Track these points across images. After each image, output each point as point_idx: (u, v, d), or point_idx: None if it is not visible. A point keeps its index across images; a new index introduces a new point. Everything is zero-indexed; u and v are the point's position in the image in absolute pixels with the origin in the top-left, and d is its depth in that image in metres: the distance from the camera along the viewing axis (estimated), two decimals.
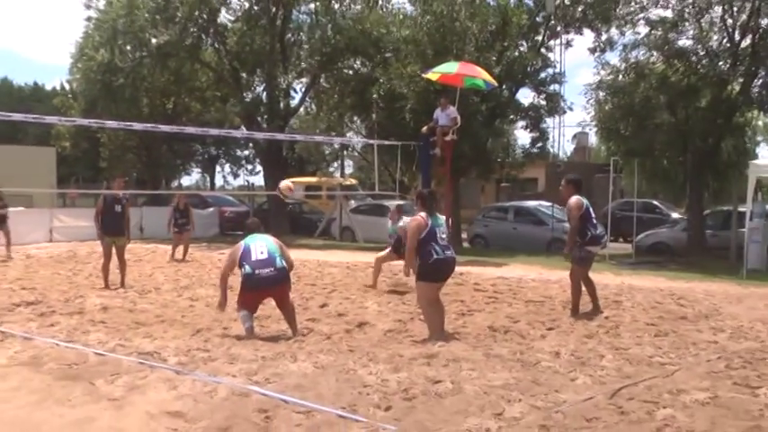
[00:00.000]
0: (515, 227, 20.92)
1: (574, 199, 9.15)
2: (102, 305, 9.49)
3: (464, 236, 22.14)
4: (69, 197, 32.95)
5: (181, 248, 16.33)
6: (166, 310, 9.29)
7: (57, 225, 21.36)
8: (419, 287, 7.61)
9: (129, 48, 24.78)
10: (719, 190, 21.38)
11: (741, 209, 16.08)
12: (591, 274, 9.43)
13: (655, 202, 24.38)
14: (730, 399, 5.22)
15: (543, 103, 21.66)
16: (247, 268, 7.41)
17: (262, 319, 8.04)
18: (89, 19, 26.08)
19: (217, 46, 25.38)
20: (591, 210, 9.26)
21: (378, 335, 7.67)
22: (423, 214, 7.45)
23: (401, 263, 9.42)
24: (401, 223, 10.75)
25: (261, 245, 7.58)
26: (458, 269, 13.83)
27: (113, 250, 11.63)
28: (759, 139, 25.22)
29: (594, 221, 9.32)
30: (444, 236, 7.48)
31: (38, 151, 32.20)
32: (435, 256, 7.30)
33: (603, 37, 19.61)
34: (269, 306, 8.18)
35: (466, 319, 8.62)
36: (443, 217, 8.03)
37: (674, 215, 23.00)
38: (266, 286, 7.47)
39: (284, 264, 7.61)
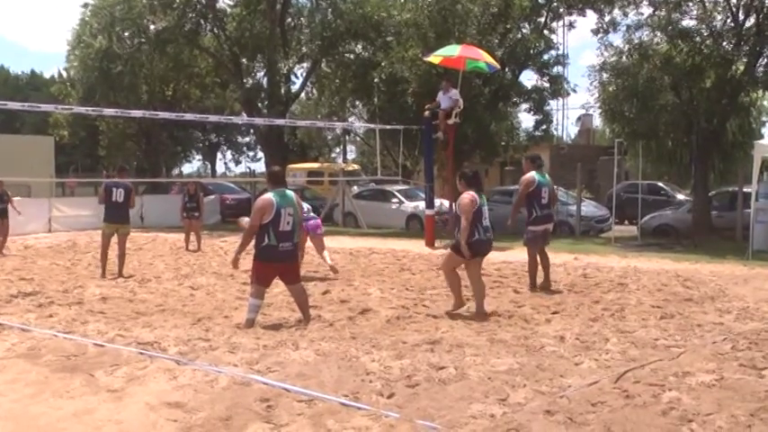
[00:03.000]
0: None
1: (528, 174, 9.53)
2: (101, 295, 9.44)
3: None
4: (68, 186, 32.97)
5: (193, 239, 15.97)
6: (167, 299, 9.25)
7: (56, 215, 21.25)
8: (449, 256, 8.14)
9: (127, 34, 24.69)
10: (725, 171, 21.20)
11: (747, 189, 16.01)
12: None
13: (660, 184, 24.17)
14: (736, 380, 5.24)
15: (546, 85, 21.87)
16: (272, 239, 7.19)
17: (263, 306, 8.03)
18: (86, 5, 25.78)
19: (216, 31, 25.33)
20: (544, 189, 9.54)
21: (381, 321, 7.62)
22: (471, 192, 7.79)
23: None
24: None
25: (289, 211, 7.27)
26: None
27: (114, 238, 11.62)
28: (764, 119, 24.96)
29: (544, 202, 9.58)
30: (487, 216, 7.88)
31: (35, 140, 32.15)
32: (477, 237, 7.77)
33: (606, 18, 19.37)
34: (270, 294, 8.16)
35: (470, 304, 8.48)
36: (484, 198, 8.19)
37: (680, 196, 22.91)
38: (283, 260, 7.37)
39: (298, 239, 7.59)
